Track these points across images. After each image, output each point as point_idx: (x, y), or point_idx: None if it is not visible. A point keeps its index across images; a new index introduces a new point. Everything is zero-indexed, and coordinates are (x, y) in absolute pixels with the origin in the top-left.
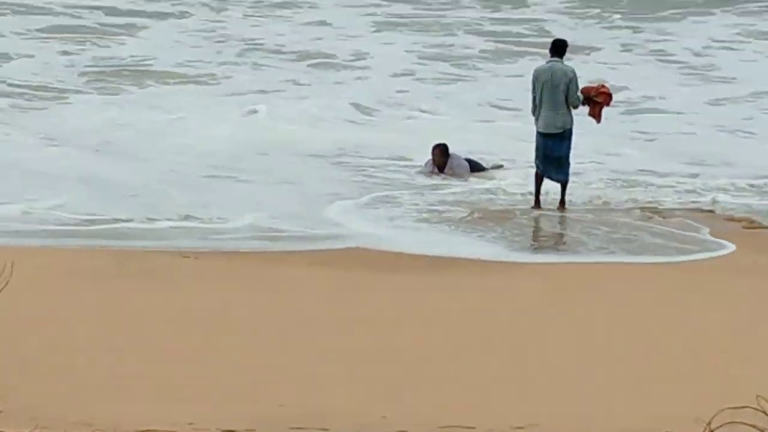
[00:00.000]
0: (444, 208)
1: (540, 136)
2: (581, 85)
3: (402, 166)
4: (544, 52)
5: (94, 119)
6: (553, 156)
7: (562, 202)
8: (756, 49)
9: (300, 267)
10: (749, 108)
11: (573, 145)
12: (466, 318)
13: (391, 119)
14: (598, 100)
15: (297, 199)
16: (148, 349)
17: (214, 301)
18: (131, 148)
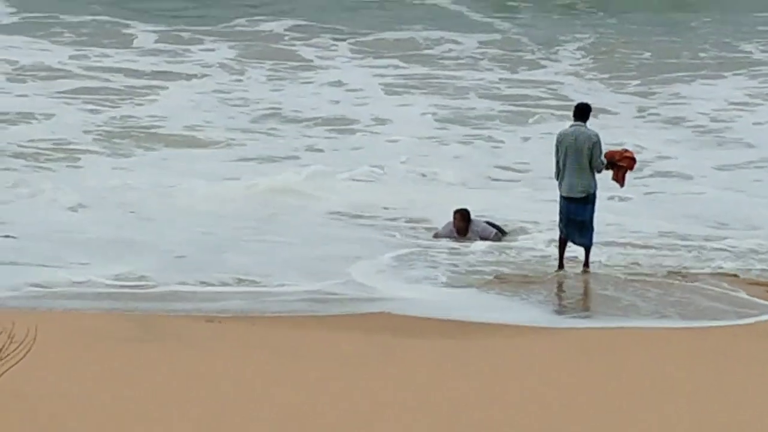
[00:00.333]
0: (467, 270)
1: (563, 200)
2: (604, 149)
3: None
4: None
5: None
6: (577, 220)
7: (586, 264)
8: None
9: (325, 331)
10: (764, 171)
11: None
12: (501, 386)
13: (409, 181)
14: (621, 164)
15: (319, 260)
16: (172, 417)
17: (237, 367)
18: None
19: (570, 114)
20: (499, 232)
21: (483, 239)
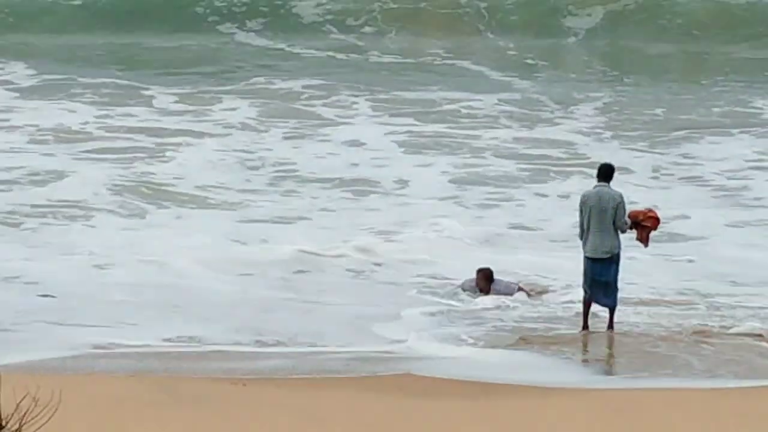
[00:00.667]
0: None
1: (588, 260)
2: (628, 209)
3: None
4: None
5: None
6: (601, 281)
7: (610, 325)
8: None
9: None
10: None
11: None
12: None
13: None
14: (646, 224)
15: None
16: None
17: None
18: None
19: (592, 173)
20: (522, 291)
21: (507, 295)
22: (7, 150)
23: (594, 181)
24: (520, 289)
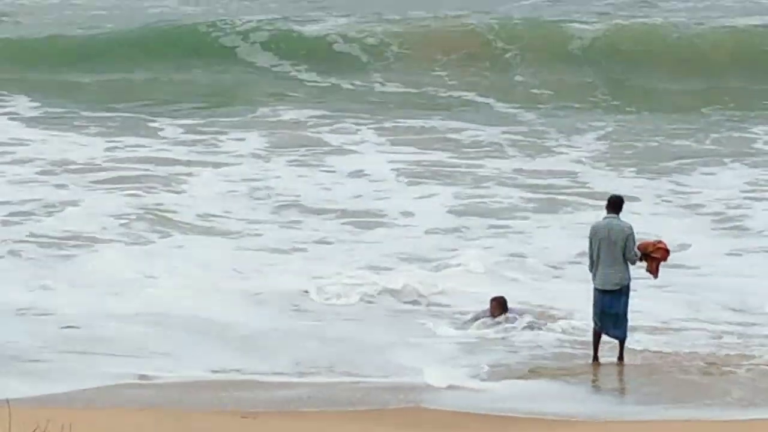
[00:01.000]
0: (502, 360)
1: (598, 292)
2: (638, 241)
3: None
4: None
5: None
6: (611, 312)
7: (620, 357)
8: None
9: (357, 425)
10: None
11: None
12: None
13: (439, 271)
14: (655, 255)
15: (352, 348)
16: None
17: None
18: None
19: (590, 201)
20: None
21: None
22: (17, 182)
23: (603, 212)
24: (533, 319)
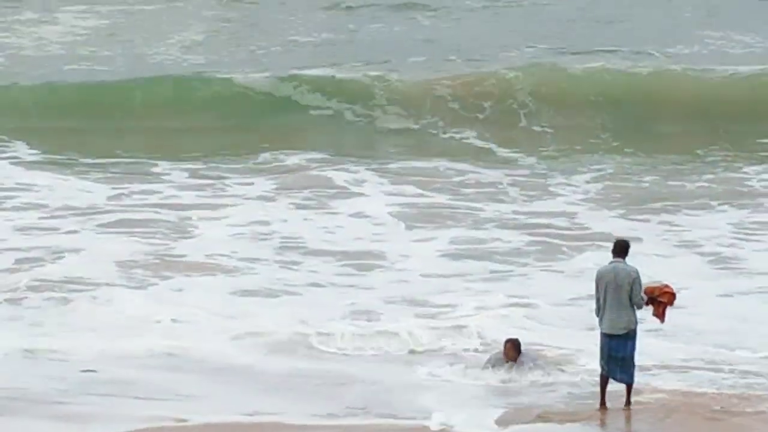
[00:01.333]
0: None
1: (604, 336)
2: (644, 285)
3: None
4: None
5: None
6: (618, 357)
7: (627, 402)
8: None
9: None
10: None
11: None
12: None
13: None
14: (662, 299)
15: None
16: None
17: None
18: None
19: (593, 244)
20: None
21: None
22: (22, 227)
23: (609, 257)
24: (542, 362)
